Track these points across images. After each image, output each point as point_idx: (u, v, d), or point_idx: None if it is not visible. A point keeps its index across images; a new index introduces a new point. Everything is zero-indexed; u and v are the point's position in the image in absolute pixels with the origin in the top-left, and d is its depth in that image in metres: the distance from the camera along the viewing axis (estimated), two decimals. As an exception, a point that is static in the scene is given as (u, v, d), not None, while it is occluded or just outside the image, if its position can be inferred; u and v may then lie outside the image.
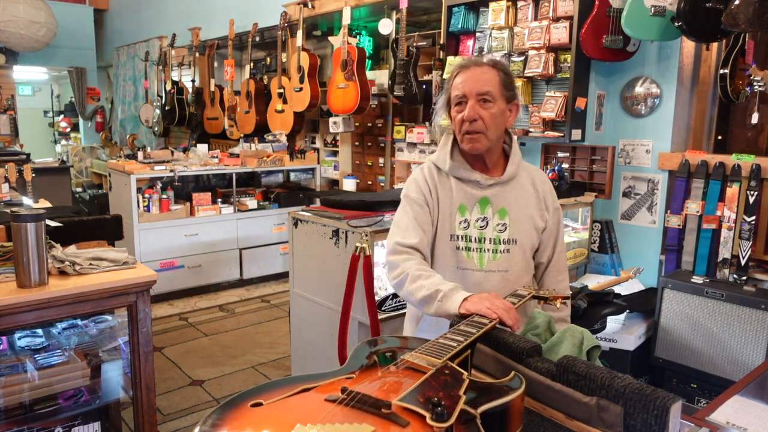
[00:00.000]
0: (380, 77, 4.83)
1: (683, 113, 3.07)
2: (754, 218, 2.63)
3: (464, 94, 1.57)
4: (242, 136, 5.87)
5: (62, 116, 10.55)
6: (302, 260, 2.76)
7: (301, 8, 4.90)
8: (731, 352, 2.40)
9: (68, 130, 10.32)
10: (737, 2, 2.32)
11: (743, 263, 2.65)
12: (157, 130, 7.32)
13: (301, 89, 5.02)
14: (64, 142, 10.37)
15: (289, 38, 5.24)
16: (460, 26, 3.57)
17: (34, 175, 3.52)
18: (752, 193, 2.63)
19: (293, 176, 5.76)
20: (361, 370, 1.01)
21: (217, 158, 5.21)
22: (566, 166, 3.26)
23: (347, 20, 4.41)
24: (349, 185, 5.15)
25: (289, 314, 3.21)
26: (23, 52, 7.66)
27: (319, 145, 5.75)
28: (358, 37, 4.88)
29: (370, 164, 5.14)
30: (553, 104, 3.13)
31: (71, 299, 1.91)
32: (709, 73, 3.07)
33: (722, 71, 2.73)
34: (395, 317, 2.50)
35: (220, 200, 5.04)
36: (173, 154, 5.53)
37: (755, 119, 2.76)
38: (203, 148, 5.41)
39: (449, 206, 1.65)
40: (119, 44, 8.53)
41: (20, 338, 2.22)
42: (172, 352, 3.74)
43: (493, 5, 3.35)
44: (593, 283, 2.88)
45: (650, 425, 0.92)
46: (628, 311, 2.71)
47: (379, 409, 0.83)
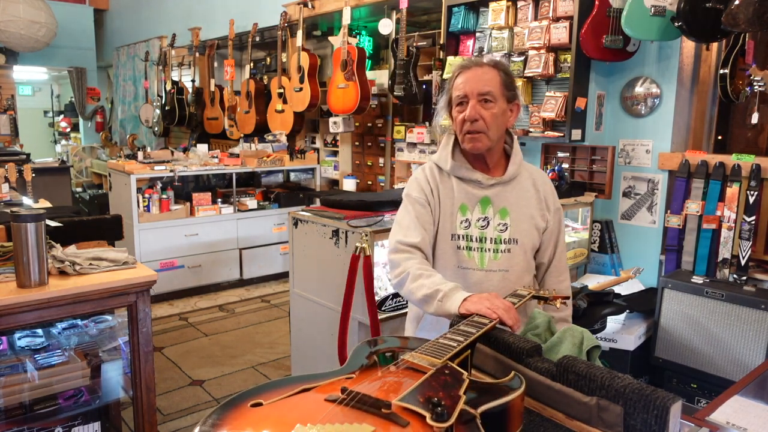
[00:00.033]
0: (380, 77, 4.83)
1: (683, 113, 3.07)
2: (754, 218, 2.63)
3: (465, 94, 1.57)
4: (242, 136, 5.87)
5: (62, 116, 10.55)
6: (302, 260, 2.76)
7: (301, 8, 4.90)
8: (731, 352, 2.40)
9: (68, 130, 10.32)
10: (737, 2, 2.32)
11: (743, 263, 2.65)
12: (157, 130, 7.32)
13: (301, 89, 5.02)
14: (64, 142, 10.37)
15: (289, 38, 5.24)
16: (460, 26, 3.57)
17: (34, 175, 3.52)
18: (752, 193, 2.63)
19: (293, 176, 5.76)
20: (361, 370, 1.01)
21: (217, 158, 5.21)
22: (566, 166, 3.26)
23: (347, 20, 4.41)
24: (349, 185, 5.15)
25: (289, 314, 3.21)
26: (23, 52, 7.66)
27: (319, 145, 5.75)
28: (358, 37, 4.88)
29: (370, 164, 5.14)
30: (553, 104, 3.13)
31: (71, 299, 1.91)
32: (709, 73, 3.07)
33: (722, 71, 2.73)
34: (395, 317, 2.50)
35: (220, 200, 5.03)
36: (173, 154, 5.53)
37: (755, 119, 2.76)
38: (203, 148, 5.41)
39: (450, 206, 1.65)
40: (119, 44, 8.53)
41: (20, 338, 2.22)
42: (172, 352, 3.74)
43: (493, 5, 3.35)
44: (593, 283, 2.88)
45: (650, 425, 0.92)
46: (628, 311, 2.71)
47: (379, 409, 0.83)
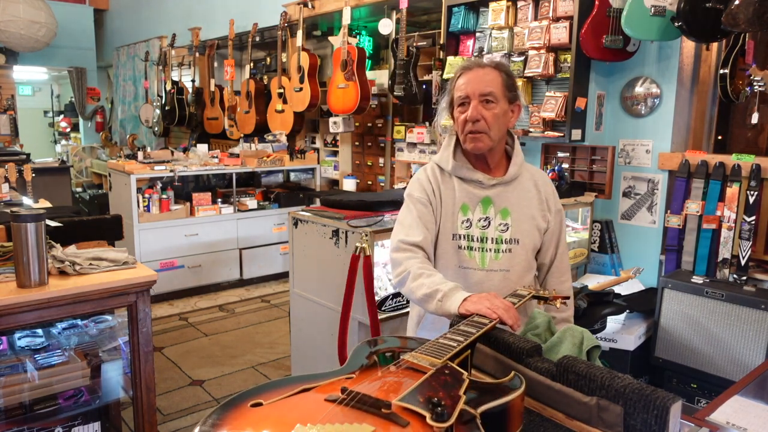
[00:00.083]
0: (380, 77, 4.83)
1: (683, 113, 3.07)
2: (754, 218, 2.63)
3: (467, 94, 1.58)
4: (242, 136, 5.87)
5: (62, 116, 10.55)
6: (302, 260, 2.76)
7: (301, 8, 4.90)
8: (731, 352, 2.40)
9: (68, 130, 10.32)
10: (737, 2, 2.32)
11: (743, 263, 2.65)
12: (157, 130, 7.32)
13: (301, 89, 5.02)
14: (64, 142, 10.37)
15: (289, 38, 5.24)
16: (460, 26, 3.57)
17: (34, 175, 3.52)
18: (752, 193, 2.63)
19: (293, 176, 5.76)
20: (361, 370, 1.01)
21: (217, 158, 5.21)
22: (566, 166, 3.26)
23: (347, 20, 4.41)
24: (349, 185, 5.15)
25: (289, 314, 3.21)
26: (23, 52, 7.66)
27: (319, 145, 5.75)
28: (358, 37, 4.88)
29: (370, 164, 5.14)
30: (553, 104, 3.13)
31: (71, 299, 1.91)
32: (709, 73, 3.07)
33: (722, 71, 2.73)
34: (395, 317, 2.50)
35: (220, 200, 5.03)
36: (173, 154, 5.53)
37: (755, 119, 2.76)
38: (203, 148, 5.41)
39: (452, 206, 1.65)
40: (119, 44, 8.53)
41: (20, 338, 2.22)
42: (172, 352, 3.74)
43: (493, 5, 3.35)
44: (593, 283, 2.88)
45: (650, 425, 0.92)
46: (628, 311, 2.71)
47: (379, 409, 0.83)
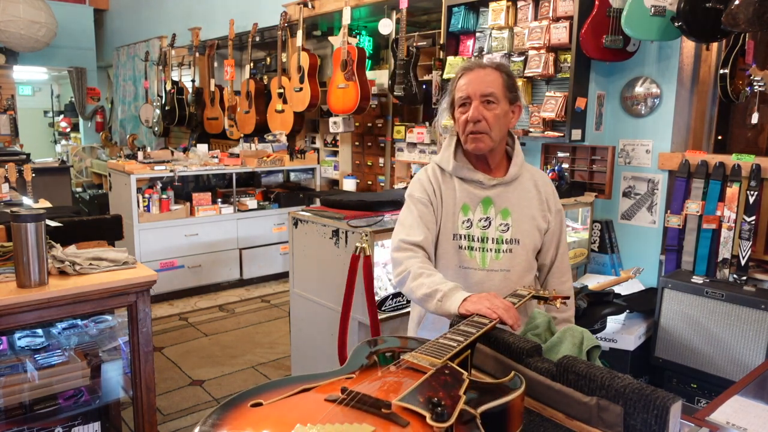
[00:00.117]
0: (380, 77, 4.83)
1: (683, 113, 3.07)
2: (754, 218, 2.63)
3: (468, 95, 1.58)
4: (242, 136, 5.87)
5: (62, 116, 10.55)
6: (302, 260, 2.76)
7: (301, 8, 4.90)
8: (731, 352, 2.40)
9: (68, 130, 10.32)
10: (737, 2, 2.32)
11: (743, 263, 2.65)
12: (157, 130, 7.32)
13: (301, 89, 5.02)
14: (64, 142, 10.37)
15: (289, 38, 5.24)
16: (460, 26, 3.56)
17: (34, 175, 3.52)
18: (752, 193, 2.63)
19: (293, 176, 5.76)
20: (361, 370, 1.01)
21: (217, 158, 5.21)
22: (566, 166, 3.26)
23: (347, 20, 4.41)
24: (349, 185, 5.15)
25: (289, 314, 3.21)
26: (23, 52, 7.66)
27: (319, 145, 5.75)
28: (358, 37, 4.88)
29: (370, 164, 5.14)
30: (553, 104, 3.13)
31: (71, 299, 1.91)
32: (709, 73, 3.07)
33: (722, 71, 2.73)
34: (395, 317, 2.50)
35: (220, 200, 5.03)
36: (173, 154, 5.53)
37: (755, 119, 2.76)
38: (203, 148, 5.41)
39: (452, 206, 1.66)
40: (119, 44, 8.53)
41: (20, 338, 2.22)
42: (172, 352, 3.74)
43: (493, 5, 3.35)
44: (593, 283, 2.88)
45: (650, 425, 0.92)
46: (628, 311, 2.71)
47: (379, 409, 0.83)
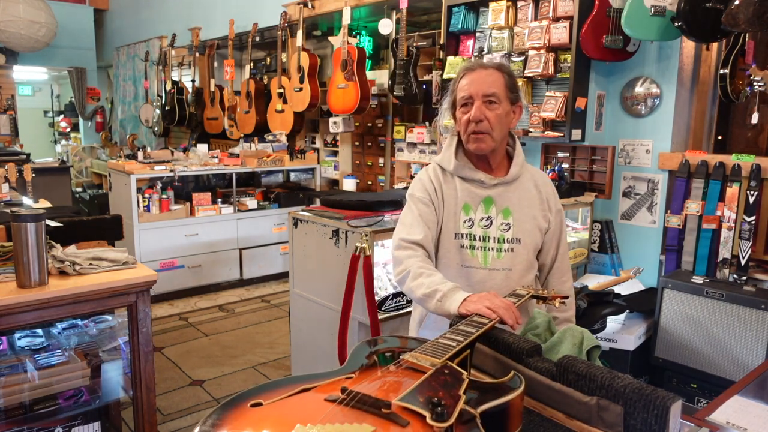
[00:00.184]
0: (380, 77, 4.83)
1: (683, 113, 3.07)
2: (754, 218, 2.63)
3: (470, 95, 1.59)
4: (242, 136, 5.87)
5: (62, 116, 10.55)
6: (302, 260, 2.76)
7: (301, 8, 4.90)
8: (731, 352, 2.40)
9: (68, 130, 10.32)
10: (737, 2, 2.32)
11: (743, 263, 2.65)
12: (157, 130, 7.32)
13: (301, 89, 5.02)
14: (64, 142, 10.37)
15: (289, 38, 5.24)
16: (460, 26, 3.56)
17: (34, 175, 3.52)
18: (752, 193, 2.63)
19: (293, 176, 5.76)
20: (360, 370, 1.01)
21: (217, 158, 5.21)
22: (566, 166, 3.26)
23: (347, 20, 4.41)
24: (349, 185, 5.15)
25: (289, 314, 3.21)
26: (23, 52, 7.66)
27: (319, 145, 5.75)
28: (358, 37, 4.88)
29: (370, 164, 5.14)
30: (553, 104, 3.13)
31: (71, 299, 1.91)
32: (709, 73, 3.07)
33: (722, 71, 2.73)
34: (395, 317, 2.50)
35: (220, 200, 5.03)
36: (173, 154, 5.53)
37: (755, 119, 2.76)
38: (203, 148, 5.40)
39: (454, 205, 1.66)
40: (119, 44, 8.53)
41: (20, 338, 2.22)
42: (172, 352, 3.74)
43: (493, 5, 3.35)
44: (593, 283, 2.87)
45: (650, 425, 0.92)
46: (628, 311, 2.71)
47: (379, 408, 0.83)
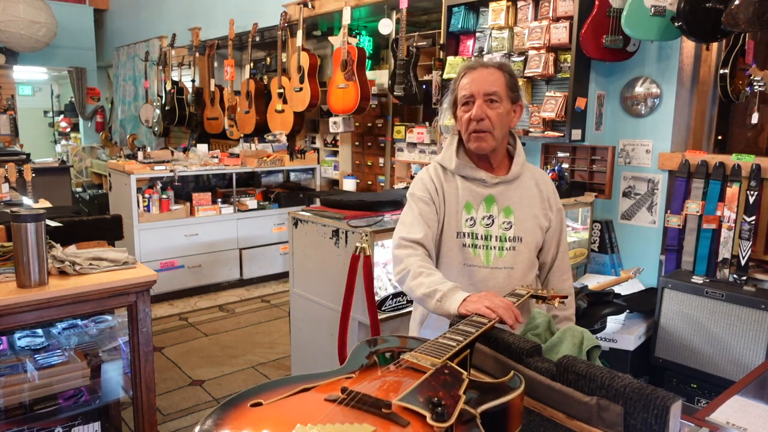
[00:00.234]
0: (380, 77, 4.83)
1: (683, 113, 3.07)
2: (754, 218, 2.63)
3: (472, 94, 1.59)
4: (242, 136, 5.87)
5: (62, 116, 10.55)
6: (302, 260, 2.76)
7: (301, 8, 4.90)
8: (731, 352, 2.40)
9: (68, 130, 10.32)
10: (737, 2, 2.32)
11: (743, 263, 2.65)
12: (157, 130, 7.32)
13: (301, 89, 5.02)
14: (64, 142, 10.37)
15: (289, 38, 5.24)
16: (460, 26, 3.56)
17: (34, 175, 3.52)
18: (752, 193, 2.63)
19: (293, 176, 5.76)
20: (361, 369, 1.01)
21: (217, 158, 5.21)
22: (566, 166, 3.26)
23: (347, 20, 4.41)
24: (349, 185, 5.15)
25: (289, 314, 3.21)
26: (23, 52, 7.66)
27: (319, 145, 5.75)
28: (358, 37, 4.88)
29: (370, 164, 5.14)
30: (553, 104, 3.13)
31: (71, 299, 1.91)
32: (709, 73, 3.07)
33: (722, 71, 2.73)
34: (395, 317, 2.50)
35: (220, 200, 5.03)
36: (173, 154, 5.53)
37: (755, 119, 2.76)
38: (203, 148, 5.40)
39: (455, 204, 1.66)
40: (119, 44, 8.53)
41: (20, 338, 2.22)
42: (172, 352, 3.74)
43: (493, 5, 3.35)
44: (593, 283, 2.87)
45: (650, 425, 0.92)
46: (628, 311, 2.71)
47: (379, 408, 0.83)
